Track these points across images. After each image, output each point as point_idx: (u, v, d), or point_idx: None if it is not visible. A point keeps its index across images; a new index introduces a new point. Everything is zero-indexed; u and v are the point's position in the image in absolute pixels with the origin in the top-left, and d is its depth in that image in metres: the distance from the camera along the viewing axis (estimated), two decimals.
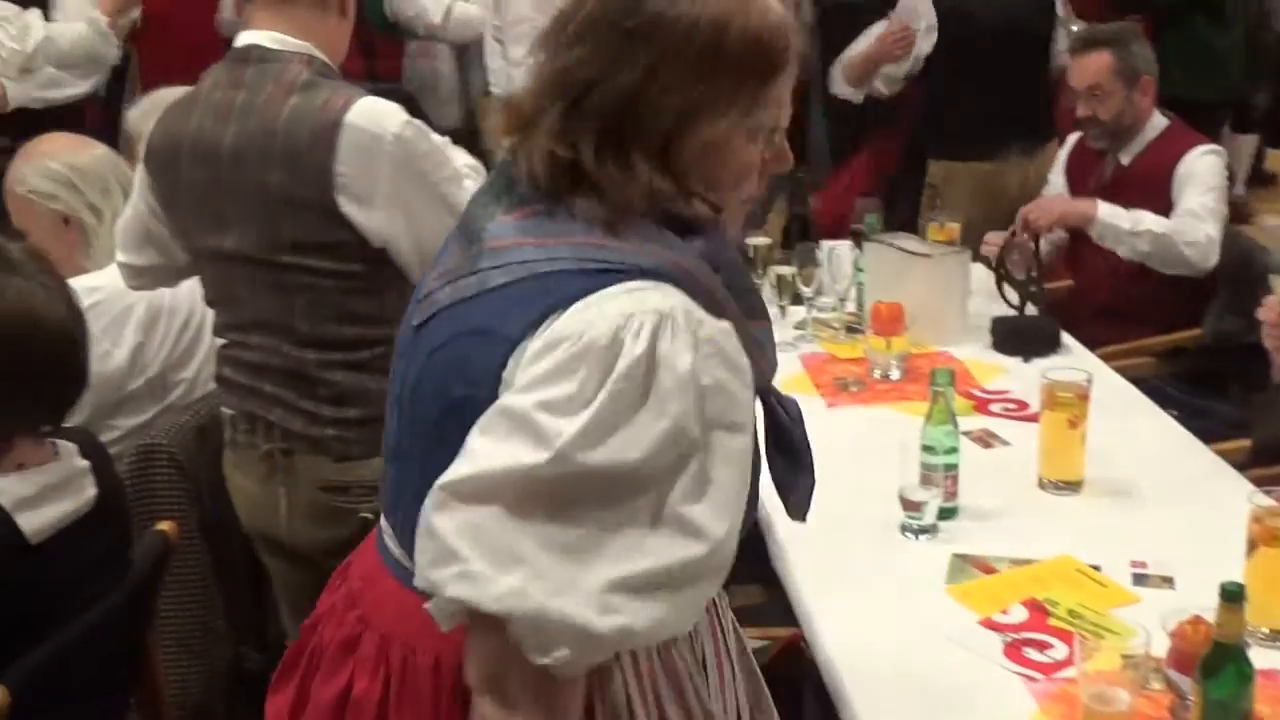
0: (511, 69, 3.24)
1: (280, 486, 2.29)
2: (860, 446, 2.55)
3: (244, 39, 2.25)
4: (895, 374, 2.97)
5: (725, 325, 1.30)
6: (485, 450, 1.25)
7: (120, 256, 2.42)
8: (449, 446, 1.30)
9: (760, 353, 1.38)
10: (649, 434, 1.22)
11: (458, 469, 1.26)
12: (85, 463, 1.97)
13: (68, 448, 1.98)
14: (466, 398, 1.31)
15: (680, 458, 1.24)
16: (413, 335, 1.41)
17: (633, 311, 1.26)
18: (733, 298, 1.35)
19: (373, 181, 2.12)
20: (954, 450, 2.28)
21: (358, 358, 2.21)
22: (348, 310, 2.20)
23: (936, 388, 2.29)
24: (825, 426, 2.44)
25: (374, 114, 2.14)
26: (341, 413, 2.23)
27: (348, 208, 2.13)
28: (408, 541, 1.39)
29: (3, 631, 1.81)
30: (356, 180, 2.12)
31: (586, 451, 1.21)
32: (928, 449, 2.26)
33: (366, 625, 1.47)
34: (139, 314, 2.58)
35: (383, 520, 1.52)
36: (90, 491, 1.96)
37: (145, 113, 2.82)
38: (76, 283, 2.18)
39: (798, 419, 1.51)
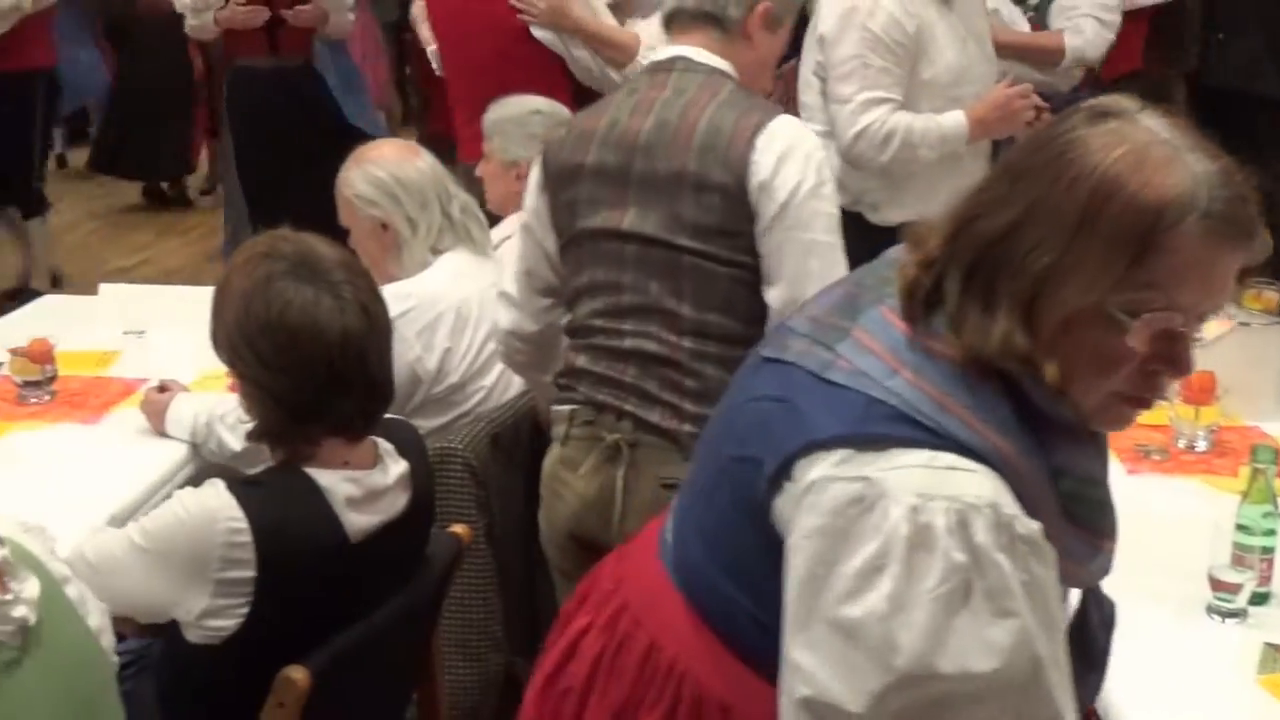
0: (835, 105, 3.22)
1: (619, 480, 2.31)
2: (1163, 519, 2.42)
3: (668, 52, 2.42)
4: (1202, 445, 2.81)
5: (1036, 526, 1.24)
6: (821, 673, 1.24)
7: (510, 322, 2.51)
8: (716, 500, 1.35)
9: (1078, 565, 1.34)
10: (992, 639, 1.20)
11: (799, 689, 1.25)
12: (404, 465, 2.04)
13: (389, 450, 2.04)
14: (751, 459, 1.32)
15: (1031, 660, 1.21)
16: (758, 363, 1.41)
17: (932, 494, 1.22)
18: (1076, 509, 1.31)
19: (781, 186, 2.24)
20: (1272, 533, 2.14)
21: (731, 354, 2.21)
22: (732, 302, 2.27)
23: (1256, 465, 2.16)
24: (1125, 494, 2.32)
25: (797, 128, 2.31)
26: (702, 409, 2.23)
27: (756, 196, 2.24)
28: (684, 567, 1.39)
29: (316, 620, 1.89)
30: (770, 178, 2.24)
31: (932, 662, 1.20)
32: (1243, 528, 2.13)
33: (653, 642, 1.45)
34: (449, 321, 2.67)
35: (665, 531, 1.51)
36: (407, 495, 2.03)
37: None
38: (391, 289, 2.27)
39: (1109, 623, 1.46)
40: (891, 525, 1.20)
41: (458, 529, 2.24)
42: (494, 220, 3.21)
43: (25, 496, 2.33)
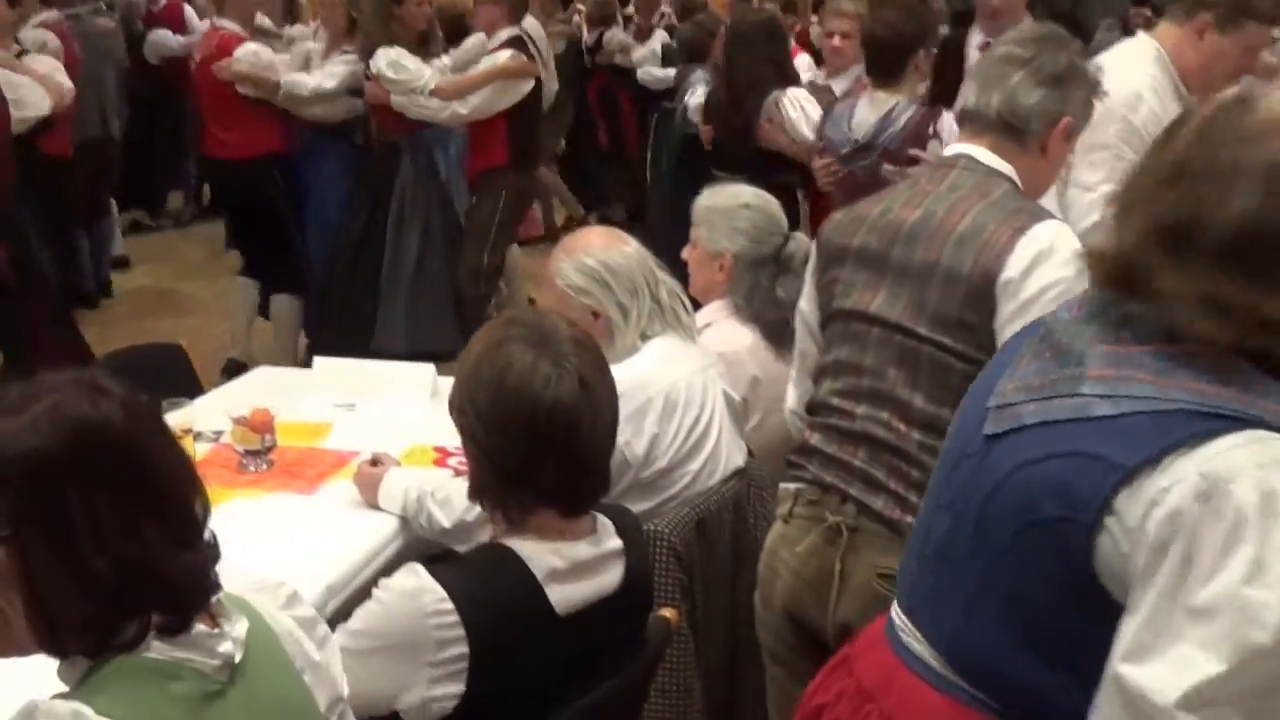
0: (1075, 190, 3.21)
1: (837, 562, 2.33)
2: None
3: (955, 149, 2.47)
4: None
5: None
6: (1197, 654, 1.25)
7: (793, 400, 2.64)
8: (1025, 564, 1.36)
9: None
10: None
11: (1179, 680, 1.26)
12: (619, 542, 2.07)
13: (605, 526, 2.07)
14: (1062, 519, 1.34)
15: None
16: (984, 443, 1.46)
17: (1265, 462, 1.26)
18: None
19: (1030, 285, 2.24)
20: None
21: None
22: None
23: None
24: None
25: (1064, 235, 2.28)
26: None
27: (1001, 290, 2.25)
28: (942, 646, 1.38)
29: (531, 697, 1.92)
30: (1019, 276, 2.24)
31: None
32: None
33: None
34: (658, 407, 2.69)
35: (896, 614, 1.52)
36: (619, 572, 2.05)
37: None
38: None
39: None
40: (1238, 502, 1.26)
41: (666, 613, 2.25)
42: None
43: (242, 562, 2.41)
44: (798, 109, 4.88)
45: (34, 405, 1.37)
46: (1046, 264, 2.25)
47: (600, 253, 2.83)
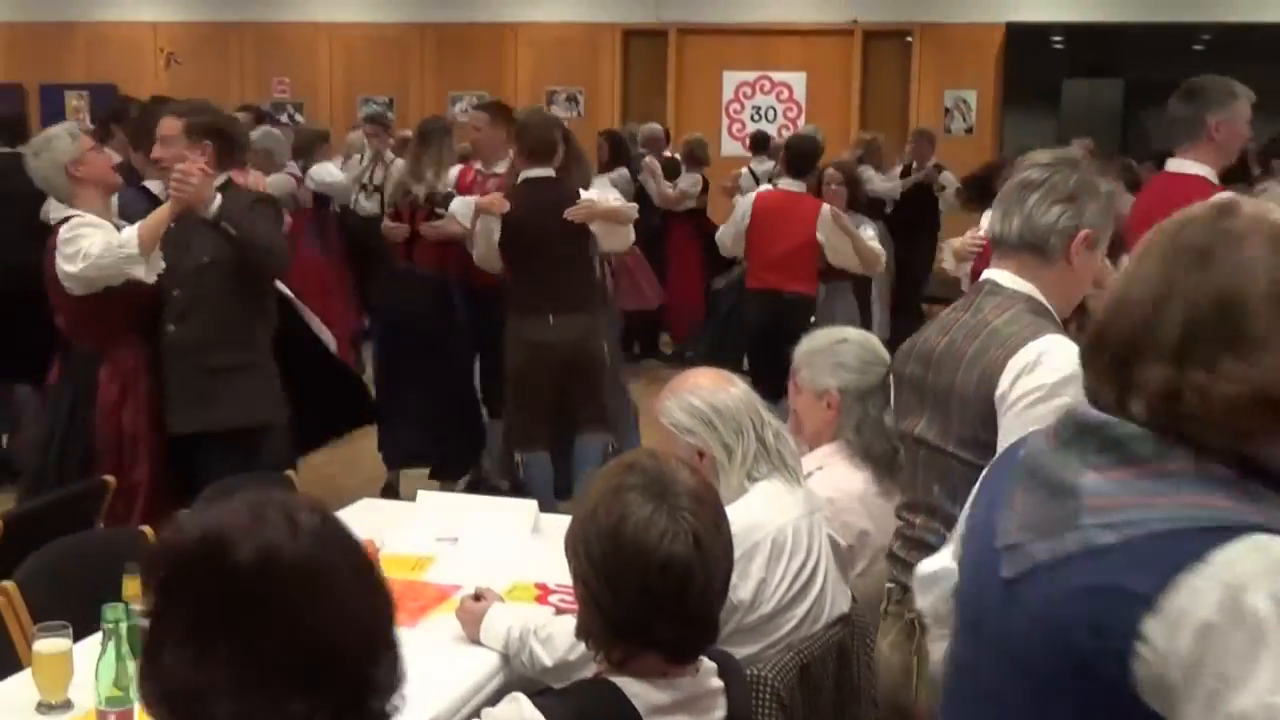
0: None
1: (914, 655, 2.59)
2: None
3: (984, 274, 2.73)
4: None
5: None
6: None
7: None
8: (1069, 695, 1.41)
9: None
10: None
11: None
12: (720, 683, 2.04)
13: (708, 666, 2.05)
14: (1097, 650, 1.39)
15: None
16: (1003, 586, 1.50)
17: (1272, 568, 1.33)
18: None
19: (1013, 395, 2.49)
20: None
21: None
22: None
23: None
24: None
25: (1050, 346, 2.49)
26: None
27: (998, 408, 2.51)
28: None
29: None
30: (1008, 389, 2.50)
31: None
32: None
33: None
34: (765, 551, 2.67)
35: None
36: (721, 713, 2.03)
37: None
38: None
39: None
40: (1254, 610, 1.31)
41: None
42: None
43: None
44: None
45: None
46: (1030, 374, 2.47)
47: (707, 393, 2.84)
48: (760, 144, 10.91)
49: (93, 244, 4.14)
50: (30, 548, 3.21)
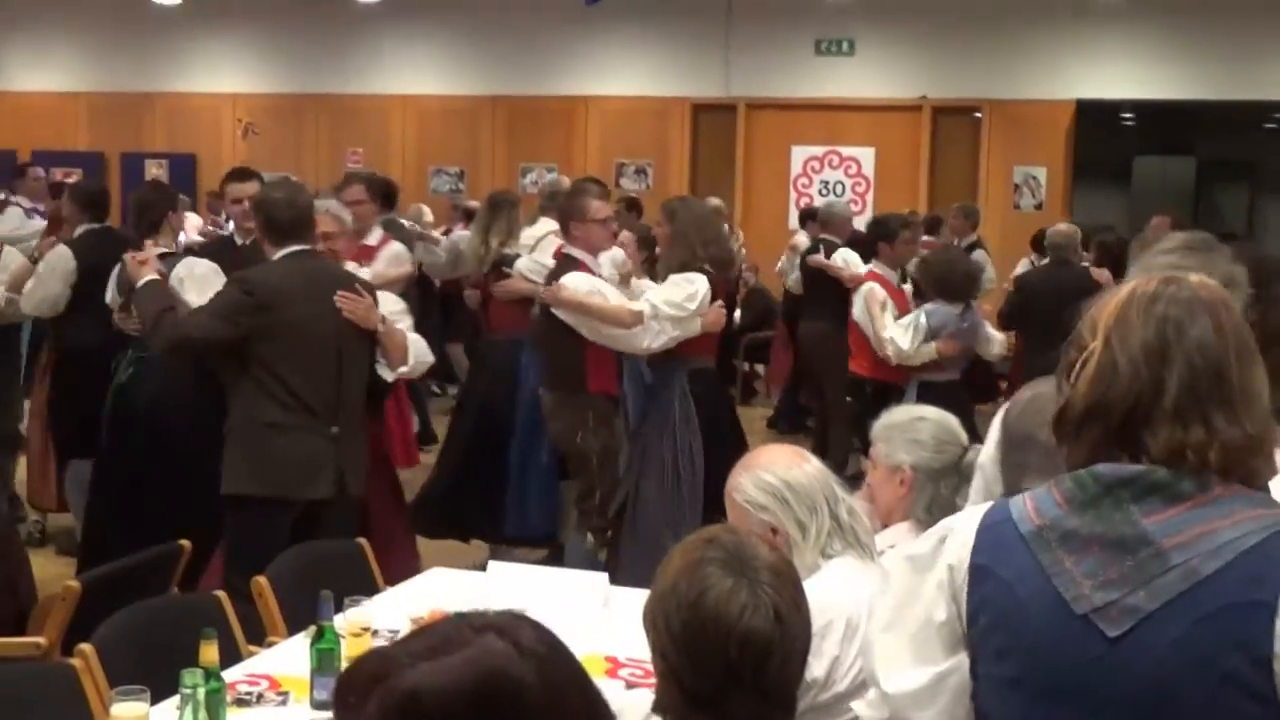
0: None
1: None
2: None
3: None
4: None
5: None
6: None
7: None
8: (1235, 712, 1.52)
9: None
10: None
11: None
12: None
13: None
14: (1245, 662, 1.51)
15: None
16: (1108, 645, 1.56)
17: None
18: None
19: None
20: None
21: None
22: None
23: None
24: None
25: None
26: None
27: None
28: None
29: None
30: None
31: None
32: None
33: None
34: (839, 630, 2.65)
35: None
36: None
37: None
38: None
39: None
40: None
41: None
42: None
43: None
44: None
45: (456, 650, 1.34)
46: None
47: (781, 470, 2.84)
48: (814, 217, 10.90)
49: None
50: (107, 611, 3.25)
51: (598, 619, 3.48)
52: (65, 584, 3.60)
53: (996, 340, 6.79)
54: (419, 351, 4.88)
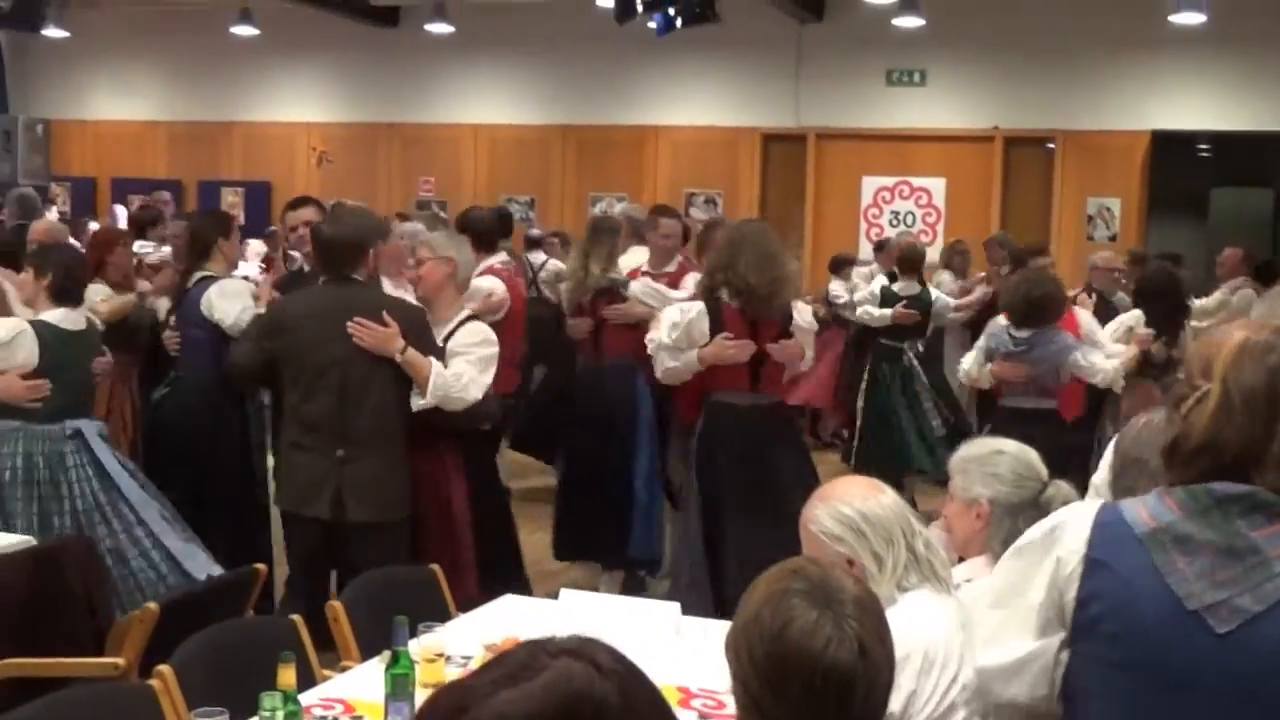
0: None
1: None
2: None
3: None
4: None
5: None
6: None
7: None
8: None
9: None
10: None
11: None
12: None
13: None
14: None
15: None
16: (1216, 641, 1.74)
17: None
18: None
19: None
20: None
21: None
22: None
23: None
24: None
25: None
26: None
27: None
28: None
29: None
30: None
31: None
32: None
33: None
34: (915, 663, 2.63)
35: None
36: None
37: None
38: None
39: None
40: None
41: None
42: None
43: None
44: None
45: (536, 675, 1.35)
46: None
47: (857, 501, 2.82)
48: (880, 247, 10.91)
49: None
50: (184, 633, 3.29)
51: (670, 648, 3.47)
52: (145, 606, 3.64)
53: (1100, 369, 6.27)
54: (445, 385, 4.68)
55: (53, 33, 14.04)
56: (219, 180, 15.05)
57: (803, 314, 5.73)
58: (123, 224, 9.99)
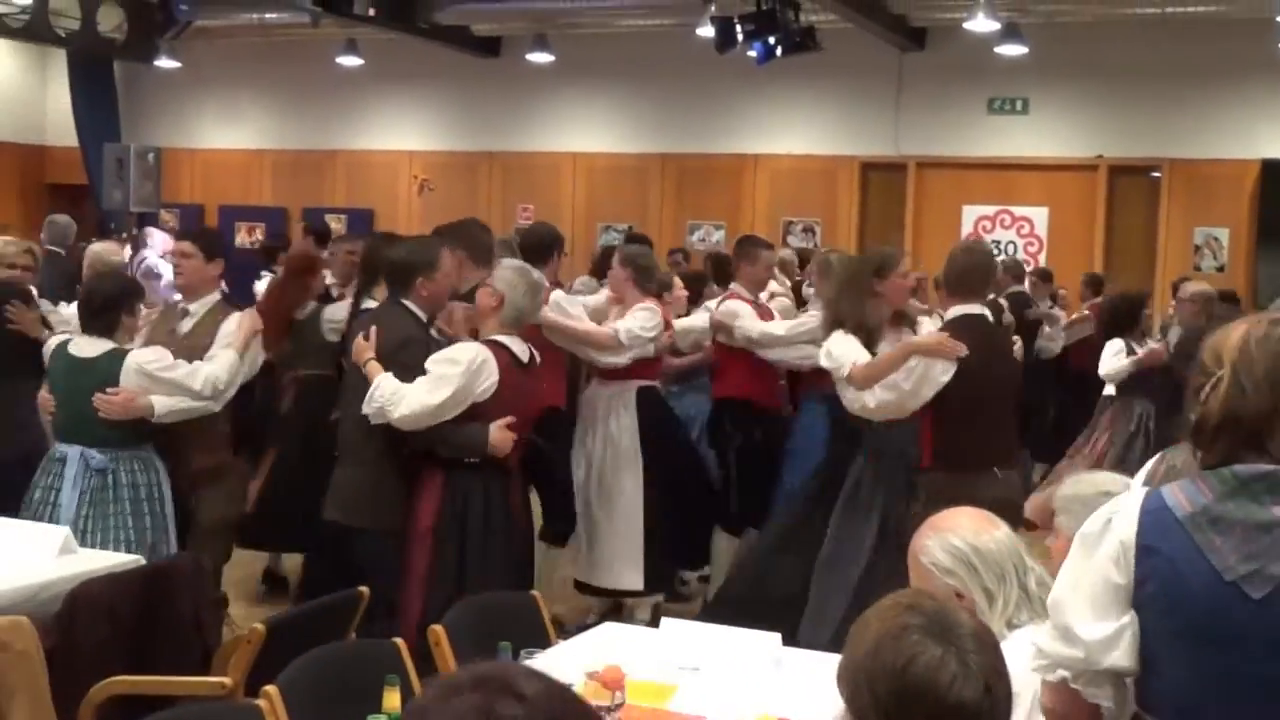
0: None
1: None
2: None
3: None
4: None
5: None
6: None
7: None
8: None
9: None
10: None
11: None
12: None
13: None
14: None
15: None
16: (1254, 606, 2.00)
17: None
18: None
19: None
20: None
21: None
22: None
23: None
24: None
25: None
26: None
27: None
28: None
29: None
30: None
31: None
32: None
33: None
34: (1026, 703, 2.54)
35: None
36: None
37: None
38: None
39: None
40: None
41: None
42: None
43: None
44: None
45: (459, 697, 1.38)
46: None
47: (969, 535, 2.78)
48: None
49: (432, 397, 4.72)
50: (289, 655, 3.32)
51: (770, 679, 3.45)
52: (251, 626, 3.69)
53: None
54: (378, 398, 4.81)
55: (165, 63, 14.43)
56: (322, 207, 15.30)
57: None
58: (158, 247, 10.05)
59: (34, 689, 3.58)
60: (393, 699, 2.75)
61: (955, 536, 2.77)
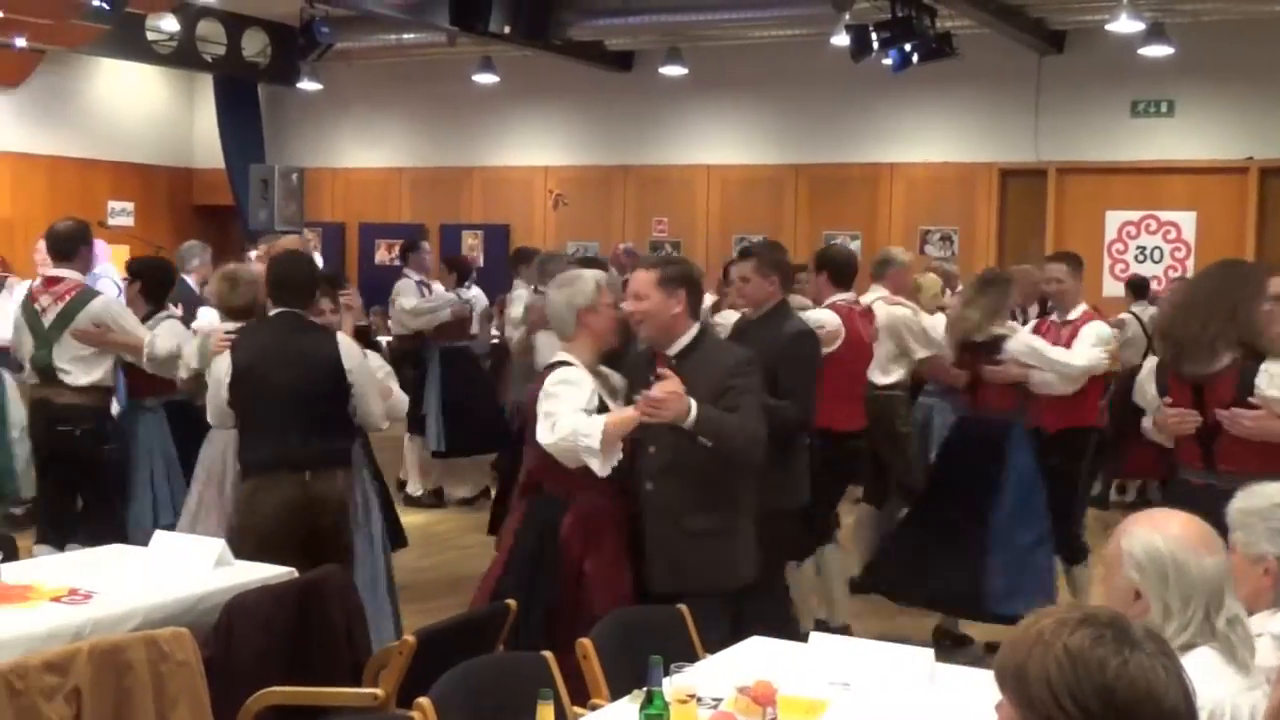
0: None
1: None
2: None
3: None
4: None
5: None
6: None
7: None
8: None
9: None
10: None
11: None
12: None
13: None
14: None
15: None
16: None
17: None
18: None
19: None
20: None
21: None
22: None
23: None
24: None
25: None
26: None
27: None
28: None
29: None
30: None
31: None
32: None
33: None
34: None
35: None
36: None
37: None
38: None
39: None
40: None
41: None
42: None
43: None
44: None
45: None
46: None
47: (1178, 546, 2.64)
48: (1140, 289, 10.61)
49: (562, 417, 4.25)
50: (438, 667, 3.34)
51: (923, 694, 3.38)
52: (404, 639, 3.73)
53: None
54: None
55: (306, 85, 14.77)
56: (459, 224, 15.52)
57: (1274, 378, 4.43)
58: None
59: (194, 699, 3.66)
60: (546, 713, 2.75)
61: (1165, 540, 2.65)
